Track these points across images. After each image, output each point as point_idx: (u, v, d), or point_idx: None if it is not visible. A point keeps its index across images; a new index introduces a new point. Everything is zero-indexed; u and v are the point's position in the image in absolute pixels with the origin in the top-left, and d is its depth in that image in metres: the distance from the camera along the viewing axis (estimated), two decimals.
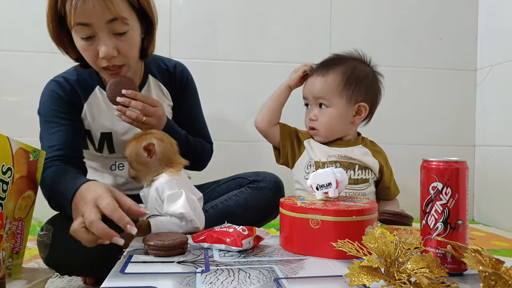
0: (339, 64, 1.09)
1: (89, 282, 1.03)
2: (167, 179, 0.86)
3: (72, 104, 1.05)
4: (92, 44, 0.93)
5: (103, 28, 0.91)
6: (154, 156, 0.88)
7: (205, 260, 0.67)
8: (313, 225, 0.71)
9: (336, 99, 1.07)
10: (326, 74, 1.08)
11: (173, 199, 0.85)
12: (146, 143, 0.88)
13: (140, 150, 0.88)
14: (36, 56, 1.69)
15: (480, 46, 1.91)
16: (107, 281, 0.57)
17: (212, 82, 1.77)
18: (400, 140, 1.88)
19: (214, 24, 1.80)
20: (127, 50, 0.96)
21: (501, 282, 0.51)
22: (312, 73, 1.12)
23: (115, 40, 0.94)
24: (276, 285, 0.56)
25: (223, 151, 1.28)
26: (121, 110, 0.95)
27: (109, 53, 0.93)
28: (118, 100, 0.94)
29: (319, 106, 1.09)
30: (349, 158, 1.06)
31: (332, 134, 1.10)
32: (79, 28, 0.91)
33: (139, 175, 0.91)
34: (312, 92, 1.09)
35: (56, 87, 1.05)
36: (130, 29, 0.95)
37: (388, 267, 0.53)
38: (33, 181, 0.84)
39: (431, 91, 1.91)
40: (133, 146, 0.90)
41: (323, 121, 1.08)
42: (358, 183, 1.06)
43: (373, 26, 1.88)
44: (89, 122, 1.07)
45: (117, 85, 0.96)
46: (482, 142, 1.89)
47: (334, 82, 1.06)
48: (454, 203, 0.61)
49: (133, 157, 0.90)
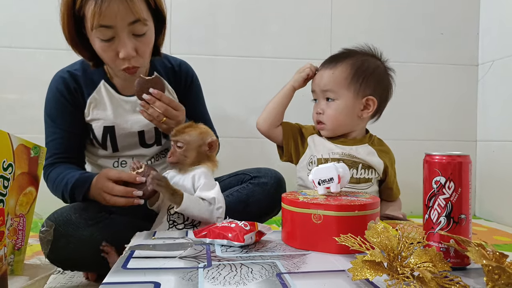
0: (348, 57, 1.08)
1: (91, 277, 1.03)
2: (205, 170, 0.94)
3: (75, 105, 1.07)
4: (111, 45, 0.94)
5: (124, 30, 0.92)
6: (213, 152, 0.97)
7: (207, 255, 0.67)
8: (315, 220, 0.70)
9: (343, 91, 1.05)
10: (335, 67, 1.07)
11: (208, 186, 0.92)
12: (213, 139, 0.95)
13: (203, 143, 0.94)
14: (36, 52, 1.68)
15: (481, 41, 1.90)
16: (109, 276, 0.57)
17: (213, 78, 1.76)
18: (401, 135, 1.88)
19: (215, 20, 1.79)
20: (144, 50, 0.98)
21: (504, 276, 0.51)
22: (321, 66, 1.12)
23: (134, 41, 0.95)
24: (278, 280, 0.55)
25: (223, 147, 1.28)
26: (144, 106, 0.98)
27: (130, 54, 0.94)
28: (144, 97, 0.97)
29: (326, 100, 1.08)
30: (352, 156, 1.06)
31: (339, 128, 1.09)
32: (100, 30, 0.91)
33: (185, 161, 0.94)
34: (319, 85, 1.09)
35: (61, 85, 1.07)
36: (148, 30, 0.96)
37: (391, 262, 0.53)
38: (34, 177, 0.83)
39: (433, 87, 1.91)
40: (196, 135, 0.94)
41: (330, 114, 1.07)
42: (360, 183, 1.05)
43: (374, 21, 1.87)
44: (92, 116, 1.07)
45: (146, 82, 0.98)
46: (483, 137, 1.89)
47: (342, 75, 1.05)
48: (457, 197, 0.61)
49: (193, 145, 0.94)
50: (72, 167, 1.06)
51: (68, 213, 0.93)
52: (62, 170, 1.03)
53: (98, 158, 1.13)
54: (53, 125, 1.07)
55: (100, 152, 1.12)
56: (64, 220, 0.91)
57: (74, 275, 1.06)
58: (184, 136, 0.94)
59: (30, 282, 0.72)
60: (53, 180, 1.03)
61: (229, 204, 1.06)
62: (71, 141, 1.08)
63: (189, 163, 0.95)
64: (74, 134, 1.08)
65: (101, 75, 1.08)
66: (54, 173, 1.03)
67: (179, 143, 0.94)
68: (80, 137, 1.10)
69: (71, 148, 1.09)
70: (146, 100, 0.97)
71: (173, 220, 0.93)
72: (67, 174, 1.01)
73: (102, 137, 1.08)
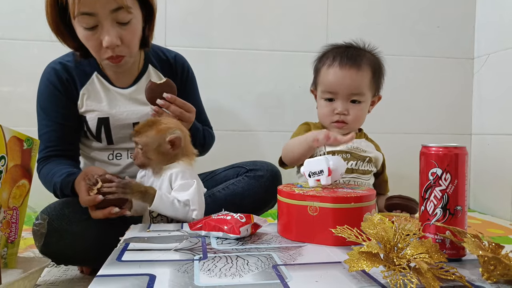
0: (364, 56, 1.06)
1: (86, 271, 1.02)
2: (181, 169, 0.89)
3: (68, 97, 1.06)
4: (95, 34, 0.93)
5: (107, 17, 0.90)
6: (177, 149, 0.89)
7: (202, 248, 0.67)
8: (311, 212, 0.70)
9: (368, 93, 1.06)
10: (359, 69, 1.03)
11: (184, 187, 0.87)
12: (172, 137, 0.87)
13: (163, 141, 0.88)
14: (30, 44, 1.66)
15: (477, 35, 1.90)
16: (104, 268, 0.57)
17: (207, 71, 1.74)
18: (397, 129, 1.88)
19: (210, 12, 1.77)
20: (130, 39, 0.96)
21: (500, 266, 0.51)
22: (335, 64, 1.05)
23: (118, 29, 0.93)
24: (274, 272, 0.55)
25: (217, 140, 1.27)
26: (158, 111, 0.96)
27: (113, 42, 0.92)
28: (158, 102, 0.95)
29: (352, 102, 1.05)
30: (361, 150, 1.06)
31: (355, 127, 1.10)
32: (82, 18, 0.90)
33: (151, 163, 0.90)
34: (349, 88, 1.03)
35: (53, 77, 1.05)
36: (133, 18, 0.94)
37: (388, 253, 0.53)
38: (27, 170, 0.82)
39: (429, 80, 1.90)
40: (154, 136, 0.88)
41: (356, 114, 1.05)
42: (365, 174, 1.05)
43: (370, 15, 1.86)
44: (86, 107, 1.06)
45: (157, 87, 0.96)
46: (478, 131, 1.89)
47: (368, 76, 1.05)
48: (453, 189, 0.61)
49: (152, 146, 0.88)
50: (64, 162, 1.04)
51: (62, 207, 0.92)
52: (52, 166, 1.01)
53: (92, 151, 1.12)
54: (46, 118, 1.06)
55: (94, 144, 1.11)
56: (57, 214, 0.90)
57: (68, 268, 1.05)
58: (142, 138, 0.89)
59: (24, 275, 0.71)
60: (44, 177, 1.02)
61: (225, 197, 1.07)
62: (65, 133, 1.06)
63: (157, 163, 0.90)
64: (67, 126, 1.06)
65: (94, 67, 1.07)
66: (45, 169, 1.02)
67: (139, 145, 0.89)
68: (74, 129, 1.08)
69: (65, 141, 1.07)
70: (160, 105, 0.95)
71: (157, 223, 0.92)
72: (56, 172, 0.99)
73: (96, 129, 1.07)
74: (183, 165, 0.90)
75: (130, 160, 1.12)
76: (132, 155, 0.92)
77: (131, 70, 1.09)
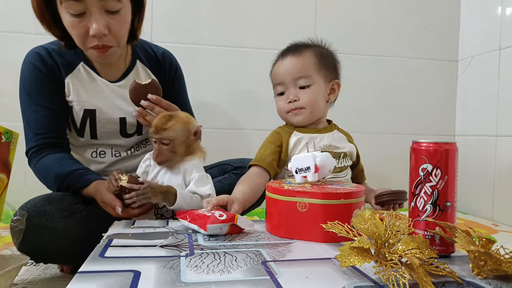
0: (308, 46, 1.08)
1: (66, 270, 0.99)
2: (196, 162, 0.90)
3: (54, 80, 1.01)
4: (82, 21, 0.89)
5: (96, 4, 0.87)
6: (199, 139, 0.93)
7: (189, 244, 0.65)
8: (300, 208, 0.69)
9: (316, 76, 1.04)
10: (300, 54, 1.04)
11: (203, 180, 0.89)
12: (197, 126, 0.91)
13: (189, 133, 0.89)
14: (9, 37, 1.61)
15: (461, 37, 1.93)
16: (85, 265, 0.54)
17: (194, 68, 1.72)
18: (380, 129, 1.88)
19: (197, 8, 1.75)
20: (118, 29, 0.93)
21: (491, 261, 0.50)
22: (279, 58, 1.08)
23: (106, 17, 0.90)
24: (264, 268, 0.54)
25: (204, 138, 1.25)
26: (142, 113, 0.95)
27: (101, 31, 0.89)
28: (142, 103, 0.94)
29: (299, 88, 1.04)
30: (334, 147, 1.04)
31: (316, 113, 1.06)
32: (70, 4, 0.86)
33: (175, 157, 0.89)
34: (291, 73, 1.04)
35: (36, 60, 1.00)
36: (123, 7, 0.92)
37: (379, 248, 0.52)
38: (5, 163, 0.79)
39: (413, 81, 1.92)
40: (182, 128, 0.88)
41: (307, 97, 1.03)
42: (342, 171, 1.04)
43: (357, 15, 1.87)
44: (72, 97, 1.02)
45: (142, 88, 0.95)
46: (462, 132, 1.92)
47: (311, 60, 1.04)
48: (444, 184, 0.61)
49: (181, 139, 0.88)
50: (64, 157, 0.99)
51: (42, 203, 0.88)
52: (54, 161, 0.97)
53: (74, 148, 1.08)
54: (33, 102, 1.00)
55: (76, 140, 1.07)
56: (37, 211, 0.86)
57: (48, 267, 1.01)
58: (169, 133, 0.87)
59: (0, 272, 0.68)
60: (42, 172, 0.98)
61: None
62: (55, 119, 1.00)
63: (180, 157, 0.90)
64: (57, 111, 1.00)
65: (80, 57, 1.03)
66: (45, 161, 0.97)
67: (165, 141, 0.87)
68: (65, 117, 1.03)
69: (55, 128, 1.01)
70: (144, 106, 0.94)
71: (161, 214, 0.90)
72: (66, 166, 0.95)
73: (81, 120, 1.03)
74: (197, 159, 0.91)
75: (115, 158, 1.09)
76: (153, 154, 0.89)
77: (118, 63, 1.06)
